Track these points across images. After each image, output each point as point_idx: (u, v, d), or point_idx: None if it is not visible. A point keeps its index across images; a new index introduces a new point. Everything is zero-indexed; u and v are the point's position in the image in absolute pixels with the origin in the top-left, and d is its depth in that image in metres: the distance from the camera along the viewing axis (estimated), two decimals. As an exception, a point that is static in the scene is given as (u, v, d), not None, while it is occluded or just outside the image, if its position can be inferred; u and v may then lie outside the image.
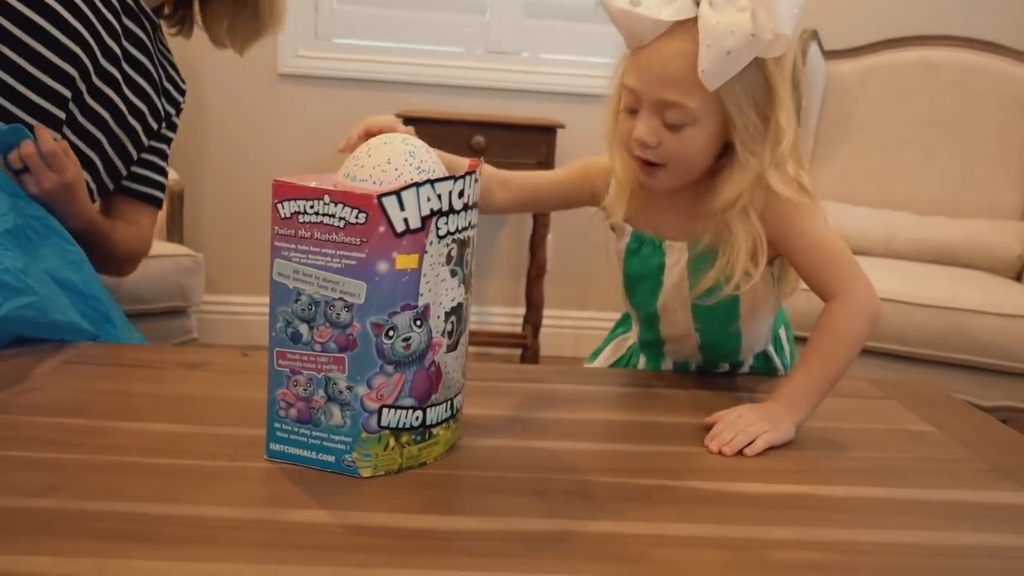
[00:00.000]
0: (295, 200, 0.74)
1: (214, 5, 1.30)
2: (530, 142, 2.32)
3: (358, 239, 0.73)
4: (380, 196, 0.72)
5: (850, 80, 2.50)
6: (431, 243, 0.75)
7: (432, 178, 0.75)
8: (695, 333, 1.06)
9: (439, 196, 0.75)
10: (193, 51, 1.59)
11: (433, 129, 2.30)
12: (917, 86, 2.44)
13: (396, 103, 2.60)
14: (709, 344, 1.08)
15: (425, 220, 0.74)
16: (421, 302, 0.75)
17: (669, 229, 1.02)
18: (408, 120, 2.25)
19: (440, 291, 0.77)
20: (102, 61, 1.21)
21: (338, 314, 0.74)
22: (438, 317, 0.77)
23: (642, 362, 1.18)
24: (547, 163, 2.38)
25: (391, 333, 0.74)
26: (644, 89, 0.90)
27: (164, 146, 1.39)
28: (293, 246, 0.75)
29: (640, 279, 1.05)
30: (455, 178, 0.76)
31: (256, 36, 1.32)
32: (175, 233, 1.95)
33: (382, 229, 0.72)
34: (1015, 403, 1.82)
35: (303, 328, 0.75)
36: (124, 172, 1.32)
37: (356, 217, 0.72)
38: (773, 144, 0.91)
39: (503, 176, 1.08)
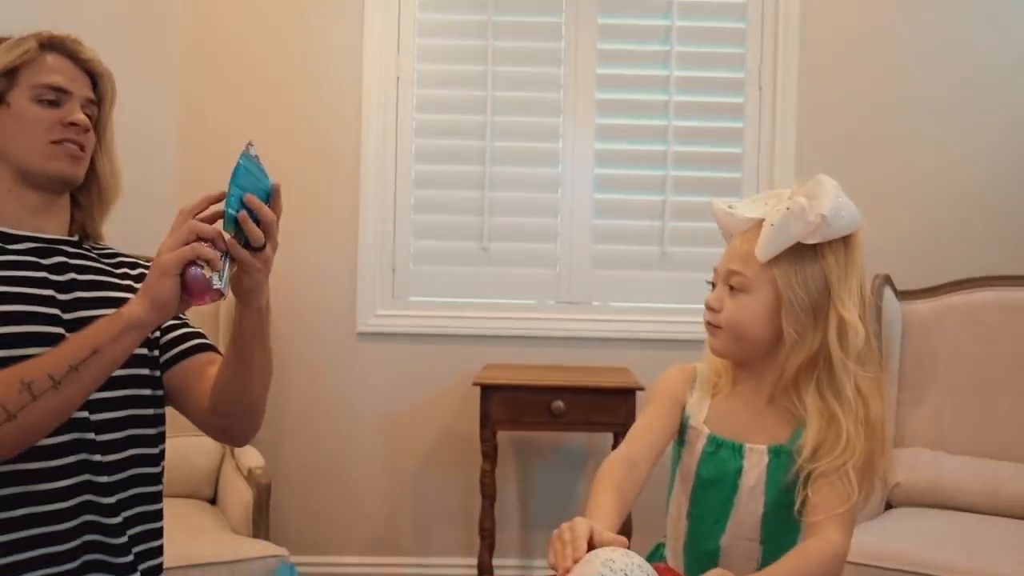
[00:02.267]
0: None
1: (81, 200, 1.27)
2: (609, 406, 2.31)
3: None
4: None
5: (927, 320, 2.47)
6: None
7: None
8: (758, 547, 1.09)
9: None
10: (275, 314, 1.61)
11: (510, 396, 2.32)
12: (997, 326, 2.40)
13: (470, 356, 2.65)
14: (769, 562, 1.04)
15: None
16: None
17: (749, 433, 1.11)
18: (487, 388, 2.29)
19: None
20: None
21: None
22: None
23: None
24: (627, 425, 2.36)
25: None
26: (720, 266, 1.16)
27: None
28: None
29: (713, 484, 1.10)
30: None
31: (108, 208, 1.29)
32: (261, 527, 1.95)
33: None
34: None
35: None
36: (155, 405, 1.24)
37: None
38: (839, 335, 1.05)
39: (633, 466, 1.10)
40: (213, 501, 2.29)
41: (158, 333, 1.26)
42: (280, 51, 2.69)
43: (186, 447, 2.19)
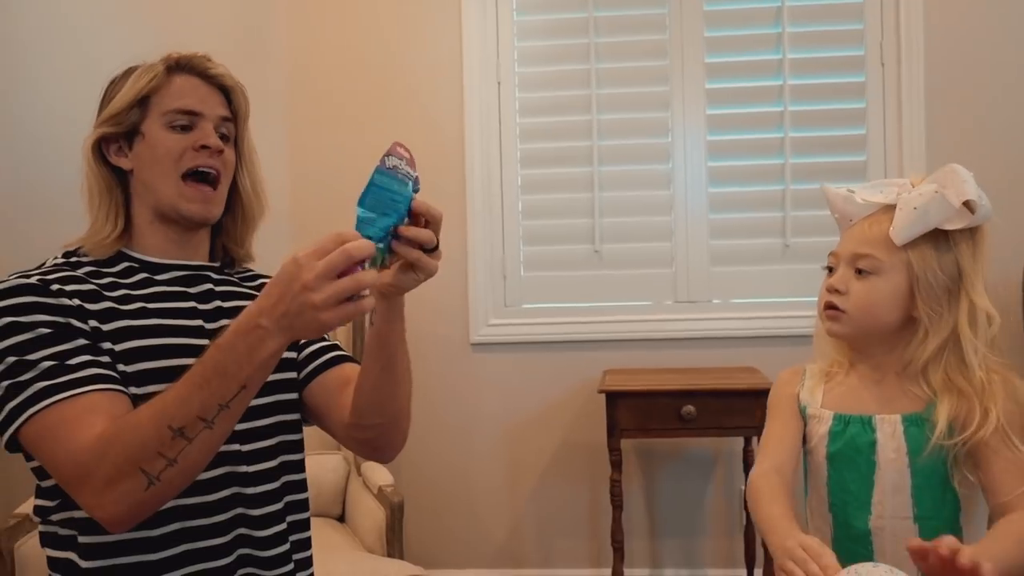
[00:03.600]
0: None
1: (225, 223, 1.22)
2: (741, 408, 2.21)
3: None
4: None
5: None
6: None
7: None
8: (912, 525, 1.06)
9: None
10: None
11: (638, 402, 2.24)
12: None
13: (588, 362, 2.58)
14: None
15: None
16: None
17: (876, 408, 1.10)
18: (612, 395, 2.21)
19: None
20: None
21: None
22: None
23: None
24: (759, 427, 2.24)
25: None
26: (843, 249, 1.13)
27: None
28: None
29: (848, 462, 1.08)
30: None
31: (253, 226, 1.24)
32: (395, 545, 1.92)
33: None
34: None
35: None
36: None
37: None
38: (971, 319, 1.06)
39: (782, 475, 1.11)
40: (341, 519, 2.28)
41: (295, 353, 1.24)
42: (381, 63, 2.68)
43: (311, 465, 2.17)
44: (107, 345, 1.05)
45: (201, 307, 1.16)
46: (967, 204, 1.05)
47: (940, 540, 0.85)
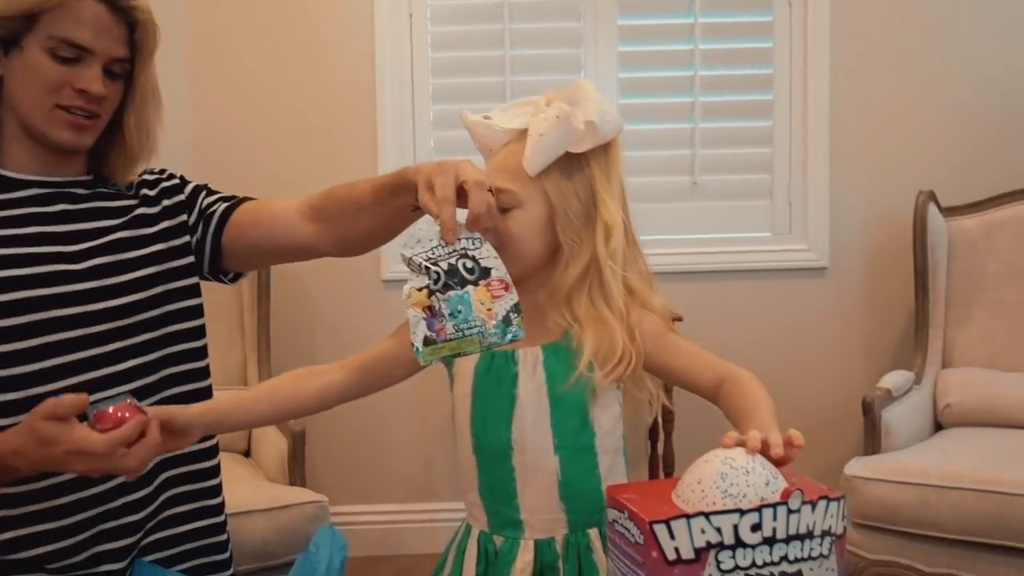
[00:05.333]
0: (613, 509, 0.80)
1: (105, 152, 1.17)
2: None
3: (640, 558, 0.75)
4: (651, 522, 0.73)
5: (975, 236, 2.37)
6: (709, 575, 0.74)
7: (724, 508, 0.75)
8: (555, 458, 1.05)
9: (717, 529, 0.73)
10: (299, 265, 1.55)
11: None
12: (1051, 238, 2.30)
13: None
14: (569, 481, 1.05)
15: (700, 552, 0.73)
16: None
17: (520, 344, 1.02)
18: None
19: None
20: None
21: None
22: None
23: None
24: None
25: None
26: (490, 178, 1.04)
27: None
28: (617, 550, 0.80)
29: (492, 399, 1.06)
30: (743, 512, 0.74)
31: (132, 166, 1.17)
32: (296, 474, 1.90)
33: (655, 555, 0.73)
34: None
35: None
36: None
37: (639, 537, 0.75)
38: (605, 238, 1.04)
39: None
40: (247, 454, 2.25)
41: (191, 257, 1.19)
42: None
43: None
44: None
45: (54, 230, 1.09)
46: (589, 125, 1.02)
47: (747, 434, 0.88)
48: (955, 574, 1.79)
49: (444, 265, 0.91)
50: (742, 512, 0.75)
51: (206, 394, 1.21)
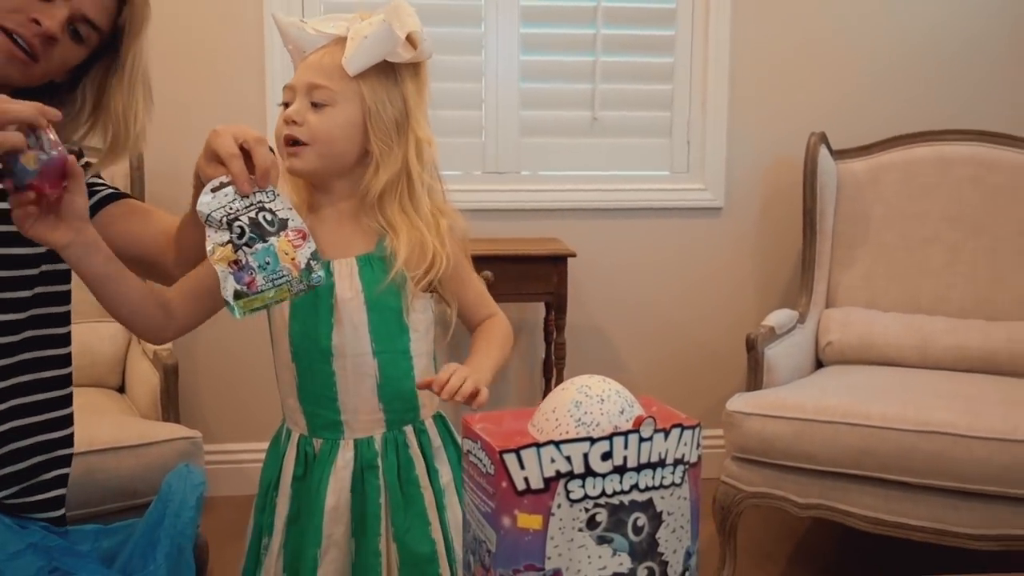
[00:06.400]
0: (468, 439, 0.78)
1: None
2: (539, 274, 2.23)
3: (491, 488, 0.73)
4: (501, 452, 0.71)
5: (863, 179, 2.42)
6: (559, 506, 0.72)
7: (574, 437, 0.74)
8: (373, 361, 1.11)
9: (568, 458, 0.72)
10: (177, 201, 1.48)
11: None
12: (933, 182, 2.36)
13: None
14: (387, 382, 1.12)
15: (549, 482, 0.72)
16: (549, 565, 0.72)
17: (335, 250, 1.11)
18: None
19: (578, 558, 0.73)
20: None
21: (482, 558, 0.75)
22: None
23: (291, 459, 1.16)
24: (559, 293, 2.28)
25: None
26: (298, 81, 1.10)
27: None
28: (470, 481, 0.77)
29: (310, 308, 1.09)
30: (593, 440, 0.72)
31: (117, 156, 1.14)
32: (170, 411, 1.82)
33: (504, 484, 0.71)
34: (1094, 539, 1.68)
35: (471, 560, 0.77)
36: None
37: (490, 467, 0.73)
38: (417, 152, 1.11)
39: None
40: (121, 390, 2.15)
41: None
42: None
43: (85, 333, 2.02)
44: None
45: None
46: (410, 37, 1.08)
47: (443, 372, 1.03)
48: (825, 503, 1.86)
49: (245, 219, 0.93)
50: (593, 440, 0.73)
51: (66, 382, 1.15)
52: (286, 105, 1.11)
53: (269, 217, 0.94)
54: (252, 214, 0.93)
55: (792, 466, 1.86)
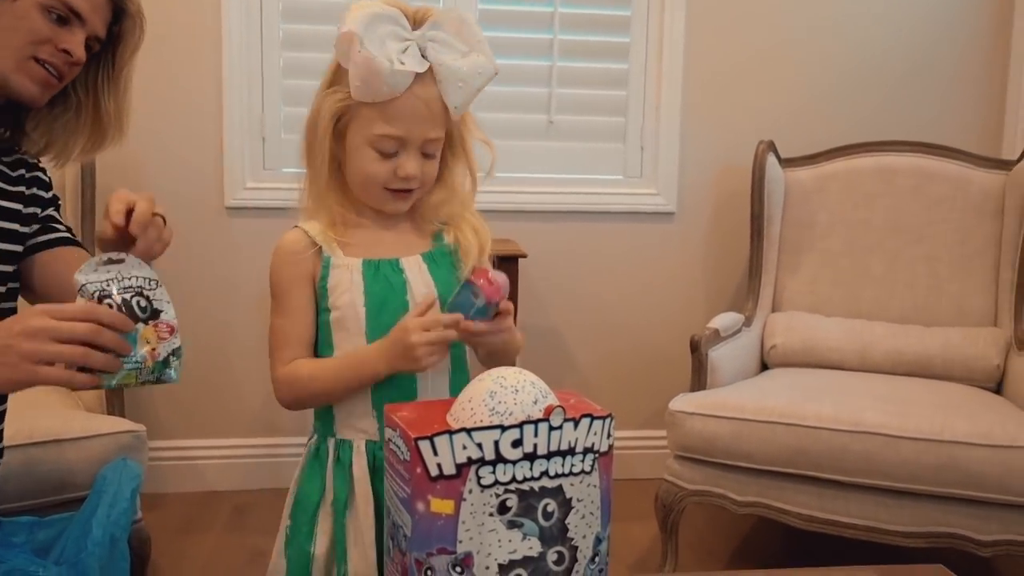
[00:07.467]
0: (390, 428, 0.80)
1: (48, 119, 1.17)
2: (491, 273, 2.24)
3: (407, 474, 0.76)
4: (416, 439, 0.74)
5: (809, 187, 2.48)
6: (470, 491, 0.75)
7: (483, 425, 0.76)
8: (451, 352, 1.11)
9: (479, 445, 0.75)
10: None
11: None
12: (876, 191, 2.43)
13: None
14: (456, 367, 1.14)
15: (461, 468, 0.75)
16: (460, 549, 0.75)
17: (397, 249, 1.14)
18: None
19: (489, 542, 0.76)
20: None
21: (399, 542, 0.78)
22: (487, 568, 0.76)
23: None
24: (511, 296, 2.30)
25: (428, 573, 0.75)
26: (410, 135, 1.08)
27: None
28: (390, 468, 0.80)
29: (385, 302, 1.11)
30: (504, 428, 0.75)
31: (97, 148, 1.20)
32: (115, 405, 1.81)
33: (419, 470, 0.74)
34: (1015, 536, 1.74)
35: (391, 544, 0.80)
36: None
37: (406, 454, 0.76)
38: (467, 165, 1.17)
39: (310, 353, 1.18)
40: (69, 384, 2.13)
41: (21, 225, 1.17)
42: None
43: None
44: None
45: None
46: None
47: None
48: (763, 502, 1.90)
49: (118, 299, 0.94)
50: (503, 428, 0.76)
51: None
52: (383, 154, 1.09)
53: (143, 303, 0.96)
54: (127, 296, 0.95)
55: (731, 465, 1.91)
